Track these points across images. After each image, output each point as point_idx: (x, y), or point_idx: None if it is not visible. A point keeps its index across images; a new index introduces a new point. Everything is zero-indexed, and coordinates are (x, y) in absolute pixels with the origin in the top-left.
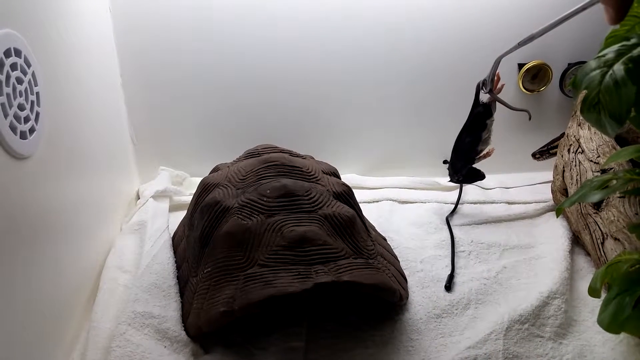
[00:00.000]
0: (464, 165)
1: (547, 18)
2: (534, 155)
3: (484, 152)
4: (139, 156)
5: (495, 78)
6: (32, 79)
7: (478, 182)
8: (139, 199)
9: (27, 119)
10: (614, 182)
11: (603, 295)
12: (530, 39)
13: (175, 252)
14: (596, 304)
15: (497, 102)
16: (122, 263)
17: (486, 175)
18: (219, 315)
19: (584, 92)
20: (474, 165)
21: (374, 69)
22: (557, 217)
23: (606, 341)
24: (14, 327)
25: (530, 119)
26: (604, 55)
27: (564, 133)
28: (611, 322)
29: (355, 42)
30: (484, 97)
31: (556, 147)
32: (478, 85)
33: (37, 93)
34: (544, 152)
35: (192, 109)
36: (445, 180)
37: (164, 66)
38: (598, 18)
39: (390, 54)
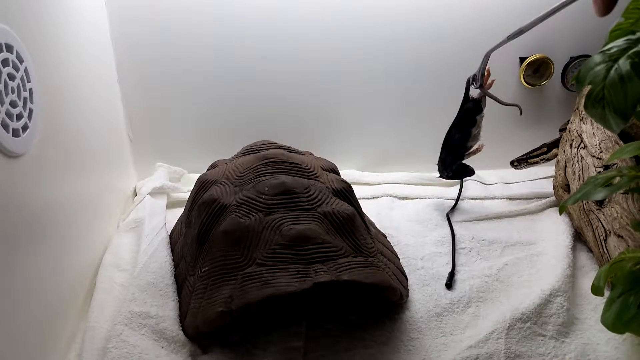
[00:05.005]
0: (453, 161)
1: (536, 11)
2: (512, 163)
3: (474, 148)
4: (136, 152)
5: (486, 73)
6: (24, 75)
7: (477, 178)
8: (135, 195)
9: (19, 116)
10: (618, 179)
11: (606, 293)
12: (519, 32)
13: (172, 250)
14: (599, 301)
15: (487, 98)
16: (119, 261)
17: (487, 171)
18: (216, 315)
19: (588, 87)
20: (463, 161)
21: (373, 63)
22: (560, 214)
23: (609, 340)
24: (9, 329)
25: (521, 113)
26: (608, 50)
27: (544, 144)
28: (615, 322)
29: (354, 37)
30: (475, 92)
31: (536, 157)
32: (468, 81)
33: (30, 90)
34: (523, 161)
35: (189, 104)
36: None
37: (160, 61)
38: None
39: (389, 49)
